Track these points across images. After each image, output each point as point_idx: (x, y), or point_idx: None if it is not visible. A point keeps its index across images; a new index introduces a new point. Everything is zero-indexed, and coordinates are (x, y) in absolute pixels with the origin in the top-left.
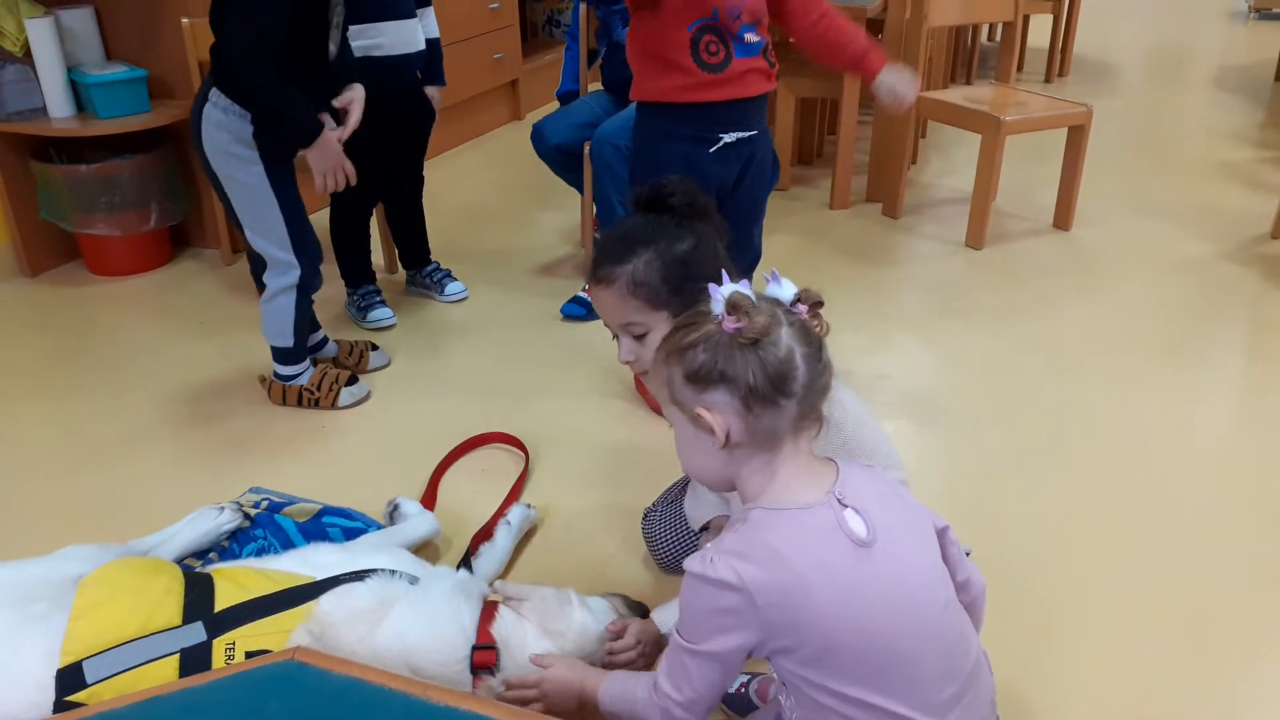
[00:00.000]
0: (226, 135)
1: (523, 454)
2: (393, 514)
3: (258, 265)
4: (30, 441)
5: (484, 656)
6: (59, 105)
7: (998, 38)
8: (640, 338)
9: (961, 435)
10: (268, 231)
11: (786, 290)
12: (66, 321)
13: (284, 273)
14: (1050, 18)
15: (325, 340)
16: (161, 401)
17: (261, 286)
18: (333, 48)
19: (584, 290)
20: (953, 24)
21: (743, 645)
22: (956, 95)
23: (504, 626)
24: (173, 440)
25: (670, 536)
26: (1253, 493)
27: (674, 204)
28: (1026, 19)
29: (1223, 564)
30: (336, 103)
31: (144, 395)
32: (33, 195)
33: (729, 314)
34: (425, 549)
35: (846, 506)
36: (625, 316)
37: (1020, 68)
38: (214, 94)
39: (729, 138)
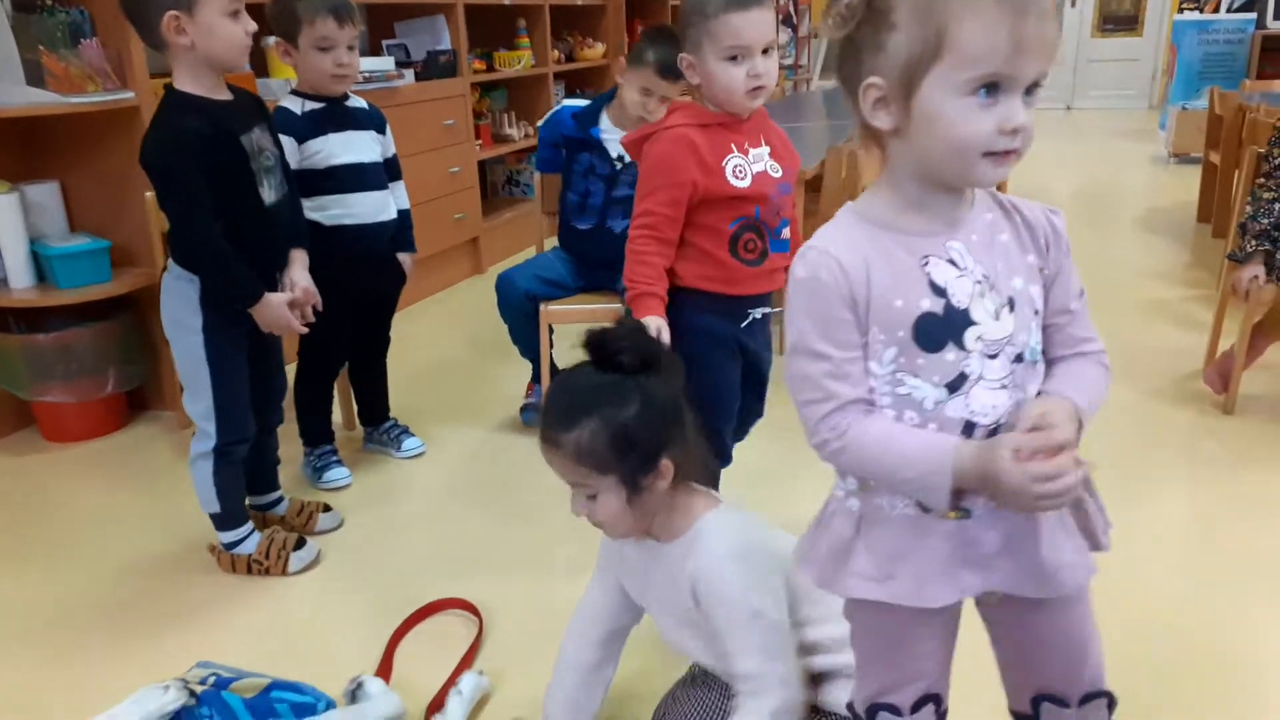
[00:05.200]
0: (177, 301)
1: (477, 619)
2: (355, 692)
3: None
4: None
5: None
6: (20, 276)
7: None
8: (591, 497)
9: None
10: (196, 399)
11: None
12: (15, 491)
13: (202, 439)
14: None
15: (280, 500)
16: (109, 573)
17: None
18: (268, 194)
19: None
20: (872, 179)
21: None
22: None
23: None
24: (120, 614)
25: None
26: (1196, 637)
27: (623, 361)
28: None
29: (1165, 709)
30: (286, 284)
31: (91, 567)
32: None
33: None
34: None
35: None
36: (574, 478)
37: None
38: (170, 263)
39: (757, 314)
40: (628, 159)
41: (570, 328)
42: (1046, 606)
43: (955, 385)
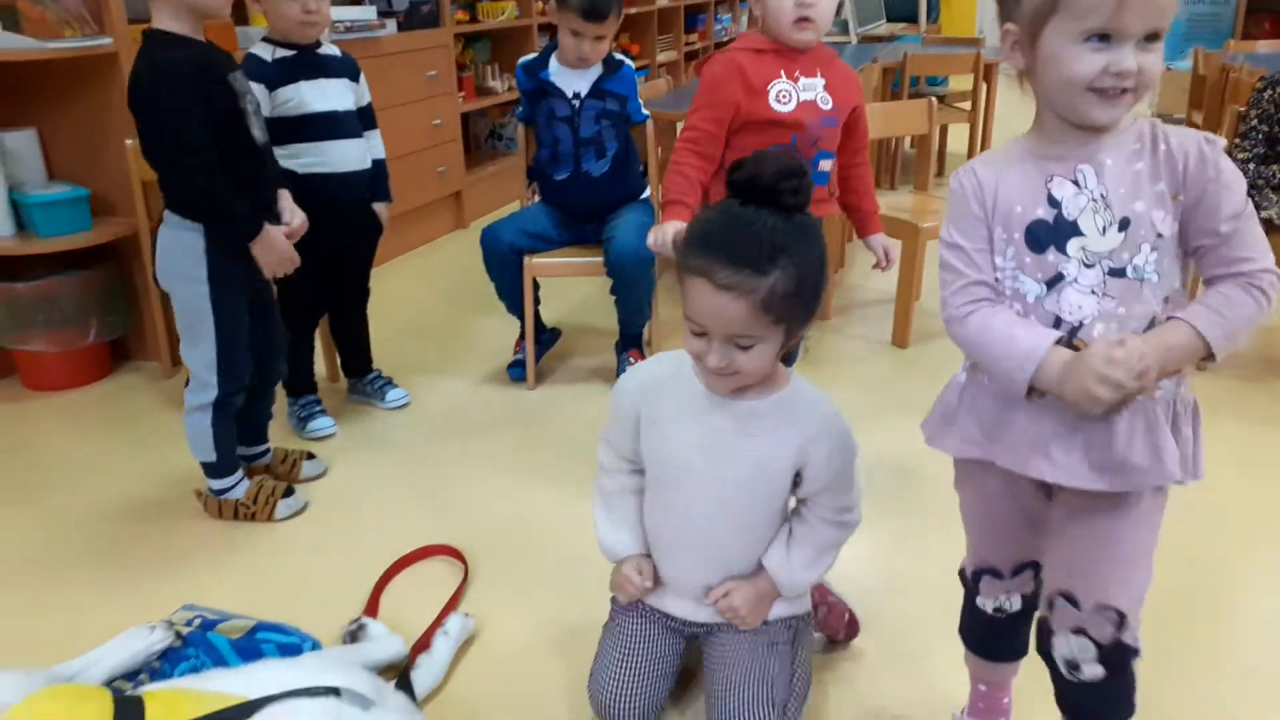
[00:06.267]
0: (178, 251)
1: (462, 564)
2: (356, 633)
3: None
4: None
5: None
6: None
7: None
8: (747, 347)
9: (905, 538)
10: (197, 349)
11: None
12: None
13: (201, 391)
14: (967, 126)
15: (267, 451)
16: (95, 518)
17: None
18: (257, 134)
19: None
20: (873, 138)
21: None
22: (879, 203)
23: None
24: (106, 558)
25: None
26: (1181, 582)
27: (792, 203)
28: (945, 129)
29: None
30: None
31: (77, 512)
32: None
33: None
34: None
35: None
36: (743, 329)
37: (941, 173)
38: (167, 215)
39: None
40: (584, 93)
41: (559, 288)
42: (1103, 510)
43: (1052, 283)
